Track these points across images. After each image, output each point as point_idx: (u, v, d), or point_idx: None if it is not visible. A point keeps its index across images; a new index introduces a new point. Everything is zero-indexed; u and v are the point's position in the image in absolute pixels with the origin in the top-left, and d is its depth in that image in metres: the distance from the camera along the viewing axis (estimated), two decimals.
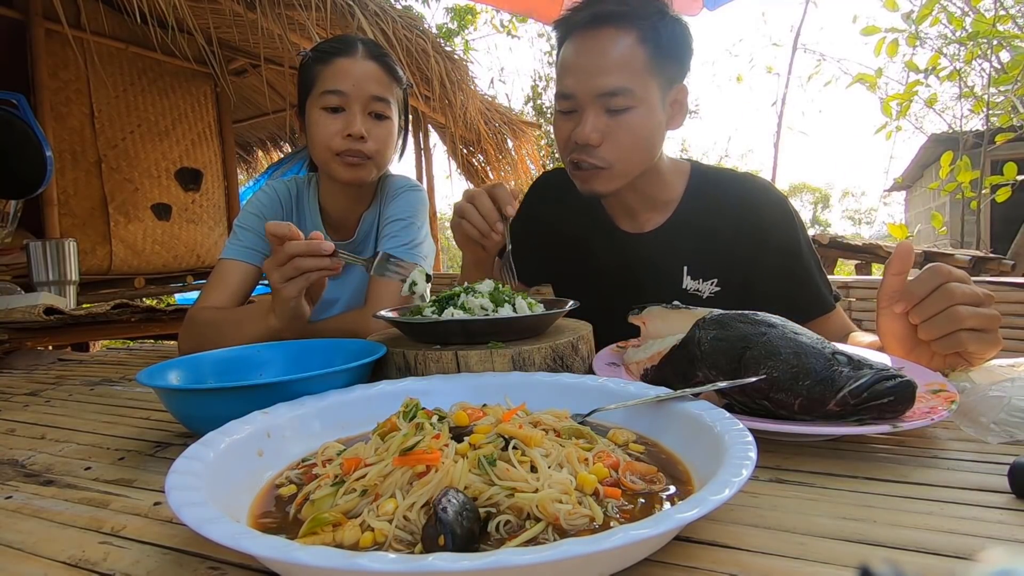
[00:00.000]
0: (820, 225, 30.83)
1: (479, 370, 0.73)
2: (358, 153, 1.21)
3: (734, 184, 1.16)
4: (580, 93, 1.02)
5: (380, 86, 1.23)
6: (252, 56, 3.92)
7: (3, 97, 2.43)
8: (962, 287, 0.70)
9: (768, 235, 1.10)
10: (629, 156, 1.04)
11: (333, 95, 1.20)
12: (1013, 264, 3.44)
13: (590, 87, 1.00)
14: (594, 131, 1.01)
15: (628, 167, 1.05)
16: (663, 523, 0.34)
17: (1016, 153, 5.62)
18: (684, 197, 1.16)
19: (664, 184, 1.16)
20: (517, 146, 4.92)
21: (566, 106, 1.05)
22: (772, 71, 8.26)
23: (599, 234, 1.23)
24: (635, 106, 1.01)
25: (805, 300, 1.09)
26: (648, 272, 1.17)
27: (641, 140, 1.04)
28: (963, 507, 0.45)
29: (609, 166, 1.04)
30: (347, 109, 1.21)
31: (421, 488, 0.41)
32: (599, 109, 1.01)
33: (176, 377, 0.76)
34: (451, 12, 10.04)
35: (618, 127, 1.01)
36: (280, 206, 1.38)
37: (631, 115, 1.01)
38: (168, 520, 0.48)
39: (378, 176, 1.32)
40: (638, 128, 1.02)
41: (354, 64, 1.22)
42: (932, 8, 4.22)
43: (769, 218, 1.11)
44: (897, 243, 0.79)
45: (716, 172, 1.20)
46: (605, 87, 0.99)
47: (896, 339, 0.78)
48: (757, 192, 1.14)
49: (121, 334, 2.08)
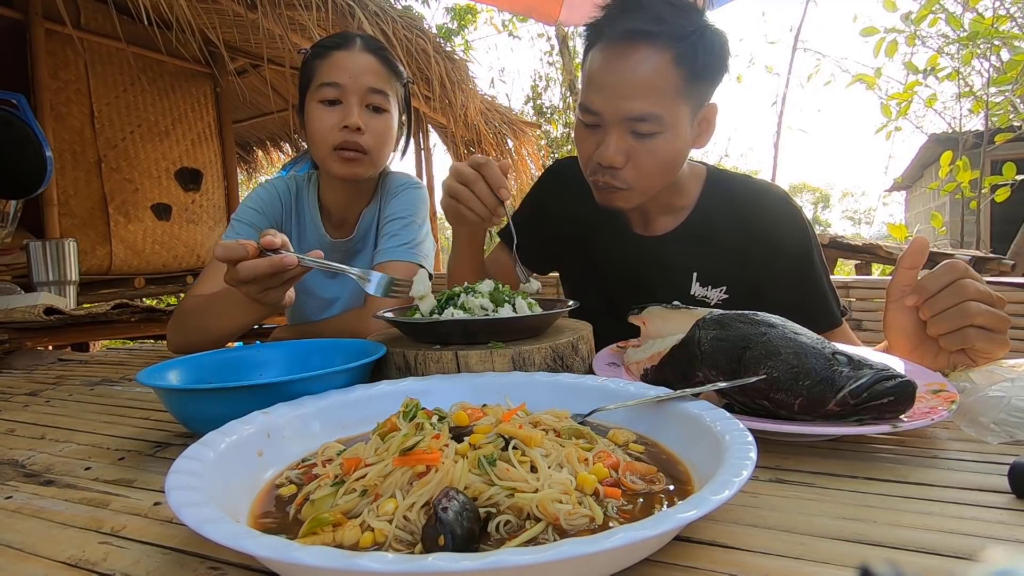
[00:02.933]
0: (820, 225, 30.83)
1: (479, 370, 0.73)
2: (355, 146, 1.20)
3: (750, 193, 1.13)
4: (606, 112, 0.96)
5: (377, 78, 1.22)
6: (252, 56, 3.93)
7: (3, 97, 2.43)
8: (976, 284, 0.70)
9: (781, 246, 1.08)
10: (651, 179, 1.01)
11: (330, 87, 1.20)
12: (1013, 264, 3.44)
13: (617, 109, 0.95)
14: (618, 153, 0.97)
15: (649, 187, 1.03)
16: (663, 523, 0.34)
17: (1016, 153, 5.62)
18: (698, 202, 1.14)
19: (680, 190, 1.14)
20: (517, 146, 4.92)
21: (590, 120, 1.00)
22: (772, 71, 8.26)
23: (610, 234, 1.21)
24: (662, 132, 0.96)
25: (814, 313, 1.07)
26: (657, 276, 1.16)
27: (665, 164, 1.00)
28: (963, 507, 0.45)
29: (630, 187, 1.01)
30: (344, 102, 1.20)
31: (421, 488, 0.41)
32: (624, 131, 0.97)
33: (176, 377, 0.76)
34: (451, 12, 10.04)
35: (643, 151, 0.97)
36: (280, 203, 1.37)
37: (657, 140, 0.97)
38: (168, 520, 0.48)
39: (376, 172, 1.31)
40: (663, 153, 0.98)
41: (351, 56, 1.22)
42: (930, 9, 4.22)
43: (783, 229, 1.09)
44: (914, 237, 0.78)
45: (732, 179, 1.17)
46: (632, 112, 0.94)
47: (903, 334, 0.77)
48: (773, 202, 1.12)
49: (121, 334, 2.08)
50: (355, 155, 1.21)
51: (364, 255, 1.41)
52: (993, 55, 4.48)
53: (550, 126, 9.62)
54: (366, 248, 1.40)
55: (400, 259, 1.28)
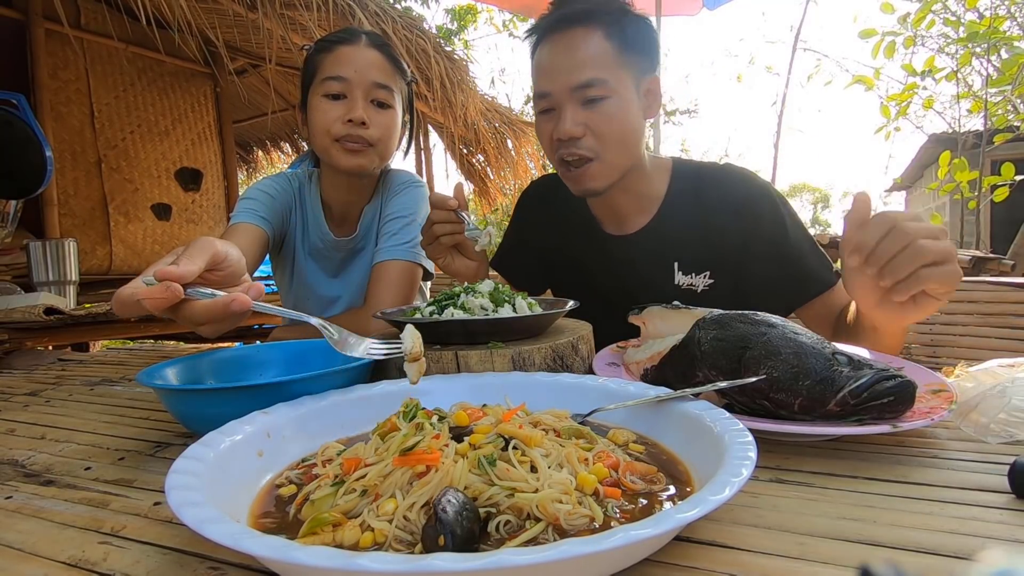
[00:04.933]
0: (820, 225, 30.85)
1: (479, 370, 0.73)
2: (359, 139, 1.19)
3: (716, 176, 1.17)
4: (555, 90, 1.04)
5: (383, 74, 1.22)
6: (252, 56, 3.93)
7: (3, 97, 2.43)
8: (915, 224, 0.68)
9: (754, 222, 1.10)
10: (614, 145, 1.05)
11: (335, 81, 1.19)
12: (1013, 264, 3.44)
13: (564, 82, 1.03)
14: (574, 124, 1.03)
15: (615, 157, 1.06)
16: (663, 523, 0.34)
17: (1015, 153, 5.62)
18: (668, 194, 1.18)
19: (648, 181, 1.17)
20: (517, 146, 4.92)
21: (543, 105, 1.08)
22: (772, 71, 8.27)
23: (586, 240, 1.24)
24: (609, 95, 1.03)
25: (801, 280, 1.09)
26: (639, 273, 1.18)
27: (621, 128, 1.05)
28: (963, 507, 0.45)
29: (597, 155, 1.05)
30: (348, 95, 1.19)
31: (421, 488, 0.41)
32: (576, 103, 1.04)
33: (176, 377, 0.76)
34: (450, 13, 10.04)
35: (597, 117, 1.03)
36: (291, 193, 1.36)
37: (607, 104, 1.03)
38: (168, 520, 0.48)
39: (380, 166, 1.30)
40: (616, 115, 1.04)
41: (356, 51, 1.21)
42: (928, 11, 4.22)
43: (753, 205, 1.12)
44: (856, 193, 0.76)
45: (697, 166, 1.21)
46: (579, 80, 1.02)
47: (864, 291, 0.75)
48: (739, 181, 1.15)
49: (121, 334, 2.08)
50: (359, 147, 1.20)
51: (366, 254, 1.40)
52: (992, 55, 4.48)
53: None
54: (368, 247, 1.40)
55: (400, 258, 1.28)
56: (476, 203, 5.44)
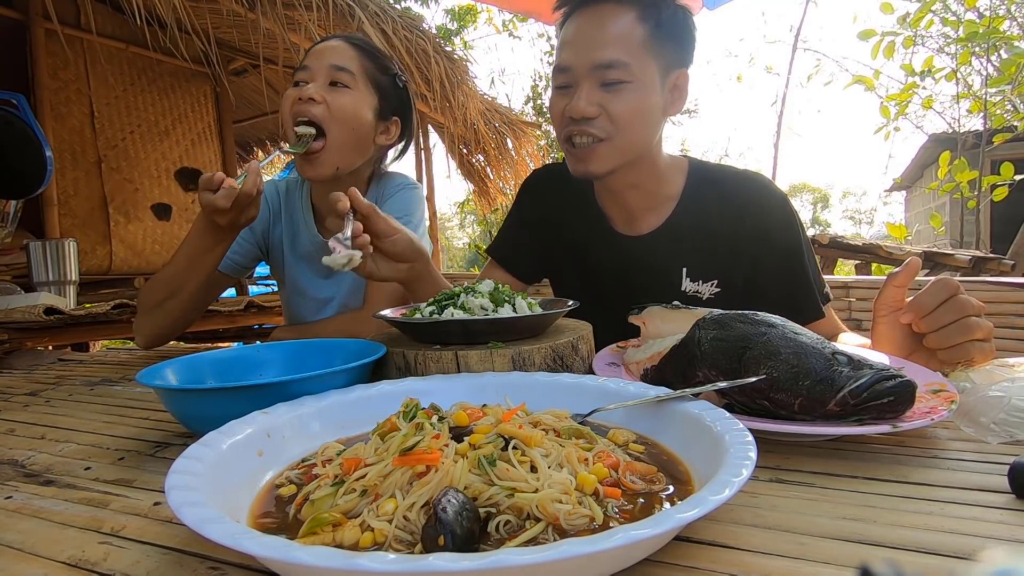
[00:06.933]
0: (820, 225, 30.87)
1: (479, 370, 0.73)
2: (305, 114, 1.16)
3: (734, 182, 1.13)
4: (576, 65, 1.01)
5: (342, 57, 1.22)
6: (252, 56, 3.93)
7: (3, 97, 2.42)
8: (971, 301, 0.74)
9: (769, 235, 1.08)
10: (625, 130, 1.01)
11: (301, 71, 1.22)
12: (1013, 264, 3.44)
13: (586, 59, 0.99)
14: (589, 104, 0.99)
15: (623, 143, 1.02)
16: (663, 523, 0.34)
17: (1014, 153, 5.62)
18: (682, 196, 1.14)
19: (661, 179, 1.13)
20: (517, 146, 4.92)
21: (562, 80, 1.04)
22: (772, 71, 8.27)
23: (595, 237, 1.20)
24: (630, 81, 0.99)
25: (802, 303, 1.08)
26: (646, 276, 1.15)
27: (637, 116, 1.01)
28: (963, 507, 0.45)
29: (607, 136, 1.01)
30: (310, 82, 1.20)
31: (421, 488, 0.41)
32: (594, 82, 1.00)
33: (176, 377, 0.76)
34: (450, 13, 10.04)
35: (613, 100, 0.99)
36: (267, 206, 1.37)
37: (626, 90, 0.99)
38: (168, 520, 0.48)
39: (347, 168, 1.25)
40: (633, 103, 1.00)
41: (325, 45, 1.25)
42: (927, 11, 4.22)
43: (770, 218, 1.09)
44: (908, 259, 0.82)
45: (715, 169, 1.17)
46: (601, 59, 0.98)
47: (895, 345, 0.80)
48: (758, 191, 1.12)
49: (121, 334, 2.08)
50: (310, 156, 1.17)
51: None
52: (992, 55, 4.48)
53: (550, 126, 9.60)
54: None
55: None
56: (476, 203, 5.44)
